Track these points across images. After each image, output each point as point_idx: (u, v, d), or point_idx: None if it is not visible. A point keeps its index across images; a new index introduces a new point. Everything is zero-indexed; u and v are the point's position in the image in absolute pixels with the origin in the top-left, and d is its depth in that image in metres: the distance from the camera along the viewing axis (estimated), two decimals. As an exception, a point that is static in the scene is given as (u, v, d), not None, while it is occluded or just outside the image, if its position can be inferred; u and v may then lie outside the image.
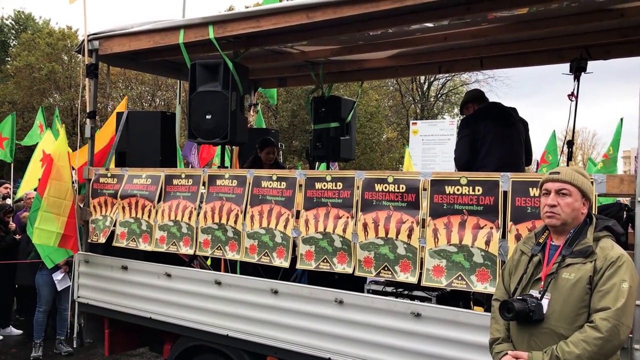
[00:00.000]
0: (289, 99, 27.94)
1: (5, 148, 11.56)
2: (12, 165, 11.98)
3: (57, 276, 6.97)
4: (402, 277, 3.68)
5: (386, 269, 3.74)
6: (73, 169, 6.06)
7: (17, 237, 7.66)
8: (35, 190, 7.01)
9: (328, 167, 6.66)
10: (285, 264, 4.20)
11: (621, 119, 11.03)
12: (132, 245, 5.05)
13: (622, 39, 4.74)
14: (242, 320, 4.31)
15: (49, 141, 9.89)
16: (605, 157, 11.00)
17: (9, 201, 9.18)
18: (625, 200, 6.70)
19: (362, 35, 4.89)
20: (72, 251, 5.70)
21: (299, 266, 4.15)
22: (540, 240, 2.81)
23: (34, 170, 10.15)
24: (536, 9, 4.09)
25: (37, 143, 11.39)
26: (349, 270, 3.90)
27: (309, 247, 4.08)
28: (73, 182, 5.92)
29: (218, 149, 8.45)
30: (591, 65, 4.94)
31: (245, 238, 4.39)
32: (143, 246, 4.97)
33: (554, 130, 11.68)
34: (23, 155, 19.33)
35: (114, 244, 5.17)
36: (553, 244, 2.77)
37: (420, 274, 3.63)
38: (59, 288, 7.00)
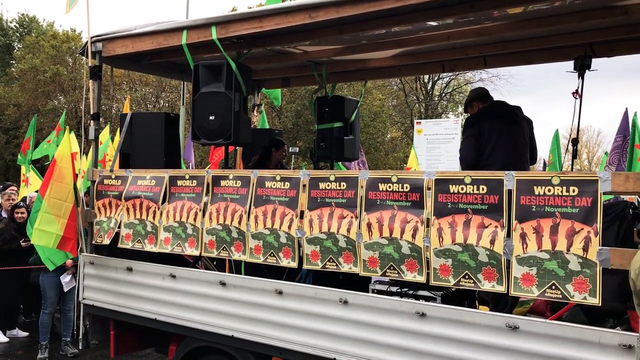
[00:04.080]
0: (293, 99, 27.95)
1: (27, 154, 11.52)
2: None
3: (65, 278, 6.97)
4: (410, 276, 3.68)
5: (392, 268, 3.74)
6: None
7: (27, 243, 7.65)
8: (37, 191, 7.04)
9: (332, 167, 6.64)
10: (294, 264, 4.20)
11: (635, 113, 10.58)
12: (138, 247, 5.05)
13: (627, 36, 4.71)
14: (247, 320, 4.31)
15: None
16: None
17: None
18: (632, 199, 6.68)
19: (365, 34, 4.88)
20: (71, 254, 5.73)
21: (305, 266, 4.15)
22: None
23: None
24: (534, 7, 4.07)
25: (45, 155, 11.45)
26: (356, 270, 3.89)
27: (314, 247, 4.08)
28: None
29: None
30: (594, 61, 4.92)
31: (249, 239, 4.39)
32: (149, 247, 4.98)
33: (557, 130, 11.52)
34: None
35: (120, 245, 5.18)
36: None
37: (428, 273, 3.62)
38: (66, 289, 7.01)
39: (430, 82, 33.37)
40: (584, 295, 3.11)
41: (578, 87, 4.85)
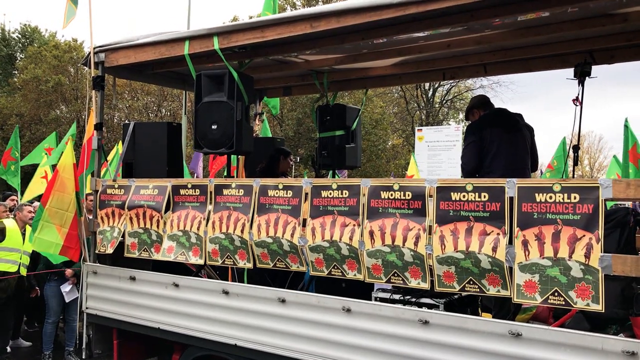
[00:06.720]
0: (294, 107, 28.04)
1: (9, 166, 11.49)
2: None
3: (65, 288, 7.01)
4: (414, 283, 3.69)
5: (396, 275, 3.75)
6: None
7: None
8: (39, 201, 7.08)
9: (334, 175, 6.66)
10: (303, 269, 4.23)
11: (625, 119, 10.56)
12: (145, 256, 5.07)
13: (627, 43, 4.74)
14: (250, 329, 4.31)
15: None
16: None
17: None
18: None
19: (366, 43, 4.91)
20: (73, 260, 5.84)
21: (312, 272, 4.16)
22: None
23: (34, 185, 10.25)
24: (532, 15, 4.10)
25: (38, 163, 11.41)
26: (361, 277, 3.91)
27: (317, 255, 4.09)
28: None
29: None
30: (594, 67, 4.94)
31: (253, 247, 4.40)
32: (156, 256, 4.99)
33: (564, 137, 11.42)
34: (32, 167, 19.44)
35: (126, 254, 5.19)
36: None
37: (432, 281, 3.63)
38: (67, 300, 7.04)
39: (431, 90, 33.46)
40: (586, 302, 3.11)
41: (578, 94, 4.87)
